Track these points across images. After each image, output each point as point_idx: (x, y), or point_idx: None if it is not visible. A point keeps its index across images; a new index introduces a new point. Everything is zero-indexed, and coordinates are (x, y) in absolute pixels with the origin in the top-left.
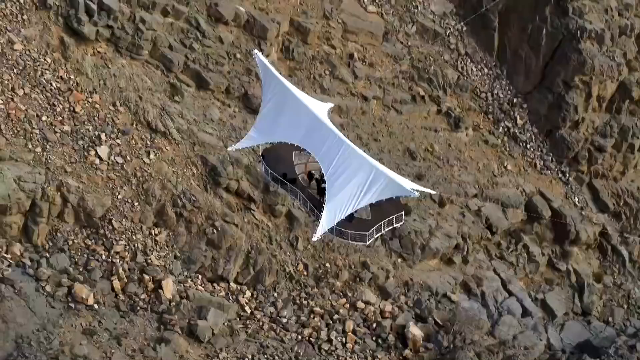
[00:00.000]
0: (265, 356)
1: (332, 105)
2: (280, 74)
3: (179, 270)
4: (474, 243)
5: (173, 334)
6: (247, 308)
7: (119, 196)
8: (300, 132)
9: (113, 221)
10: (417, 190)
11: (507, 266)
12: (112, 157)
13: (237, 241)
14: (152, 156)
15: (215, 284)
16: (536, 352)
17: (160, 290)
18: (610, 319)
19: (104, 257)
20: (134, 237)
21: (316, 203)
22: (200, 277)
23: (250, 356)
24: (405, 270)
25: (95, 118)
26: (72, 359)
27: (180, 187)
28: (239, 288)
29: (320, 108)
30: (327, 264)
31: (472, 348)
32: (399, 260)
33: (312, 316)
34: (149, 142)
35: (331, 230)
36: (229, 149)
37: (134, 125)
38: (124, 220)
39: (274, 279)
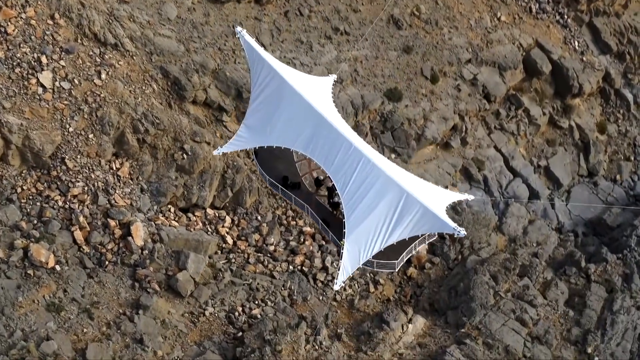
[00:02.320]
0: (257, 302)
1: (334, 77)
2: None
3: (148, 206)
4: (471, 118)
5: (151, 297)
6: (228, 239)
7: (70, 129)
8: (304, 135)
9: (66, 159)
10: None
11: (507, 137)
12: (57, 83)
13: (211, 162)
14: (103, 76)
15: (190, 215)
16: (550, 247)
17: (129, 238)
18: (617, 176)
19: (60, 203)
20: (93, 175)
21: (328, 216)
22: (172, 209)
23: (240, 308)
24: (401, 166)
25: (32, 38)
26: (41, 358)
27: (140, 108)
28: (217, 215)
29: (322, 89)
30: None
31: (486, 269)
32: (393, 155)
33: (301, 239)
34: (98, 59)
35: None
36: (215, 152)
37: (79, 40)
38: (78, 156)
39: (256, 198)
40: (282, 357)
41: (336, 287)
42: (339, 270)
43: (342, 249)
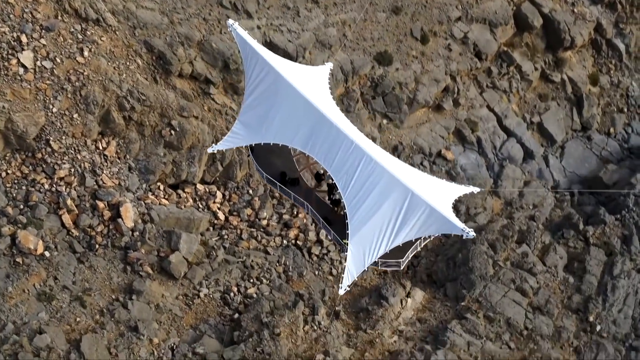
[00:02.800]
0: (251, 280)
1: (331, 65)
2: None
3: (137, 185)
4: (462, 77)
5: (143, 281)
6: (220, 214)
7: (54, 109)
8: (302, 133)
9: (51, 141)
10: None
11: (499, 95)
12: (38, 63)
13: (199, 136)
14: (86, 53)
15: (180, 191)
16: (547, 208)
17: (119, 219)
18: (611, 129)
19: (46, 186)
20: (79, 156)
21: (329, 213)
22: (161, 186)
23: (235, 288)
24: (393, 132)
25: (10, 16)
26: (34, 352)
27: (125, 85)
28: (207, 190)
29: (319, 81)
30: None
31: (484, 238)
32: (385, 121)
33: (294, 211)
34: (80, 36)
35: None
36: (209, 150)
37: (59, 17)
38: (63, 137)
39: (246, 171)
40: (281, 340)
41: (341, 292)
42: (343, 273)
43: (346, 248)
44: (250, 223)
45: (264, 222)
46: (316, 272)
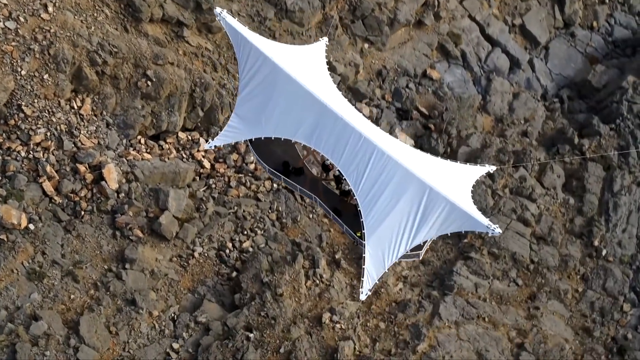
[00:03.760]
0: (245, 232)
1: (326, 40)
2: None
3: (117, 141)
4: None
5: (135, 247)
6: (205, 163)
7: (22, 72)
8: (306, 125)
9: (23, 106)
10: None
11: (480, 2)
12: (1, 24)
13: (177, 83)
14: (50, 8)
15: (162, 143)
16: (538, 122)
17: (102, 182)
18: (594, 23)
19: (23, 153)
20: (54, 119)
21: (338, 204)
22: (142, 140)
23: (230, 244)
24: (376, 56)
25: None
26: (32, 341)
27: (94, 38)
28: (190, 138)
29: (316, 63)
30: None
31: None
32: (366, 45)
33: None
34: None
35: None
36: (205, 146)
37: None
38: (36, 100)
39: (228, 114)
40: (285, 300)
41: (362, 297)
42: (362, 277)
43: (359, 240)
44: (237, 169)
45: (252, 167)
46: (310, 216)
